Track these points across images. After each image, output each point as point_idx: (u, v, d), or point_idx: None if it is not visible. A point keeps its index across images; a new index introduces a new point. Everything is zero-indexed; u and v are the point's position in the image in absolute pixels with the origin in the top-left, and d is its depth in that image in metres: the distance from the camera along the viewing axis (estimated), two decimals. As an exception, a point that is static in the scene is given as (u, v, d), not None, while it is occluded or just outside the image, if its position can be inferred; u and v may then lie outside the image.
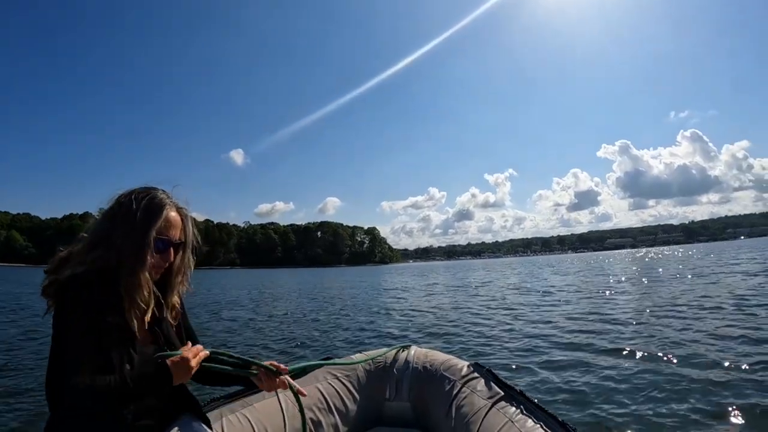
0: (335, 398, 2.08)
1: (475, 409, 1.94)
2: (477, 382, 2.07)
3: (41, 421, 3.78)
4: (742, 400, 3.64)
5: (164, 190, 1.42)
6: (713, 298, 9.92)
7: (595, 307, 9.97)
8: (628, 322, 7.75)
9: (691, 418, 3.42)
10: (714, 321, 7.27)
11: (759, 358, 4.78)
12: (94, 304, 1.24)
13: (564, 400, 4.01)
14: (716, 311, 8.19)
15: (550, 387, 4.41)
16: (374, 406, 2.17)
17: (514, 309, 10.70)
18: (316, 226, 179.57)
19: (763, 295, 9.66)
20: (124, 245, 1.31)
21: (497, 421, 1.83)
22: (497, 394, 1.97)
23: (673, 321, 7.53)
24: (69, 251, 1.37)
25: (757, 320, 6.96)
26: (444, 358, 2.24)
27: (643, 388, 4.17)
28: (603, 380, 4.46)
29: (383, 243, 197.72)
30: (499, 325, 8.37)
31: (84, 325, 1.21)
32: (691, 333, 6.42)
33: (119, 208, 1.36)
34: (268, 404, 1.92)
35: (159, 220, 1.35)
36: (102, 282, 1.28)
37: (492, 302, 12.70)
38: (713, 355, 5.07)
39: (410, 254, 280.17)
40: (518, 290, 16.48)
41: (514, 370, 5.09)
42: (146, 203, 1.36)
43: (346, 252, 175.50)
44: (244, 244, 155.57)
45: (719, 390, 3.92)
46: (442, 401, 2.06)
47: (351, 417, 2.08)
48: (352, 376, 2.16)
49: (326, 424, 2.01)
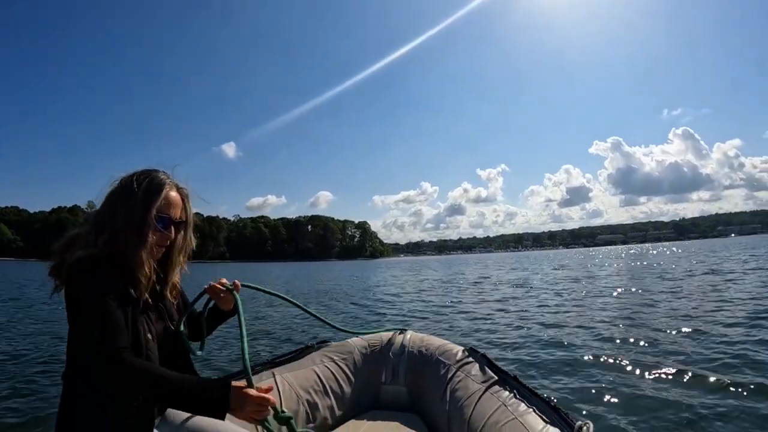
0: (331, 381, 2.11)
1: (469, 393, 1.96)
2: (471, 367, 2.10)
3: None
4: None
5: (164, 171, 1.45)
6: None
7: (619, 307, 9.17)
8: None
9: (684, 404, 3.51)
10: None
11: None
12: (107, 285, 1.27)
13: (558, 388, 4.08)
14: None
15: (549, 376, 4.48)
16: (370, 389, 2.20)
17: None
18: (306, 219, 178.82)
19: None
20: (126, 225, 1.34)
21: (490, 404, 1.86)
22: (491, 378, 2.01)
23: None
24: (77, 232, 1.40)
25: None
26: (439, 342, 2.27)
27: (636, 374, 4.30)
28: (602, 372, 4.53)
29: (374, 237, 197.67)
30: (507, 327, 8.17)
31: (106, 299, 1.24)
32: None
33: (121, 190, 1.39)
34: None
35: (159, 199, 1.38)
36: (111, 263, 1.31)
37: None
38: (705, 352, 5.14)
39: (401, 249, 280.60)
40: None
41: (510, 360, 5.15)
42: (147, 184, 1.39)
43: (336, 246, 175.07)
44: (233, 237, 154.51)
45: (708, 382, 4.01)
46: (437, 385, 2.09)
47: (347, 400, 2.11)
48: (348, 359, 2.19)
49: (322, 407, 2.03)
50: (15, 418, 3.69)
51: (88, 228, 1.38)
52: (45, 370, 5.04)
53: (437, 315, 9.48)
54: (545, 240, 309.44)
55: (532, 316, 8.51)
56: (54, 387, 4.29)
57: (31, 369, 5.10)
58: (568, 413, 1.74)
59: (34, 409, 3.84)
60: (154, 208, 1.36)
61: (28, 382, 4.59)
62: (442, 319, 8.83)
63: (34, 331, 7.75)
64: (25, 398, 4.14)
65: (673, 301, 9.46)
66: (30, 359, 5.60)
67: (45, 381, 4.60)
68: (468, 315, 9.15)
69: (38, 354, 5.86)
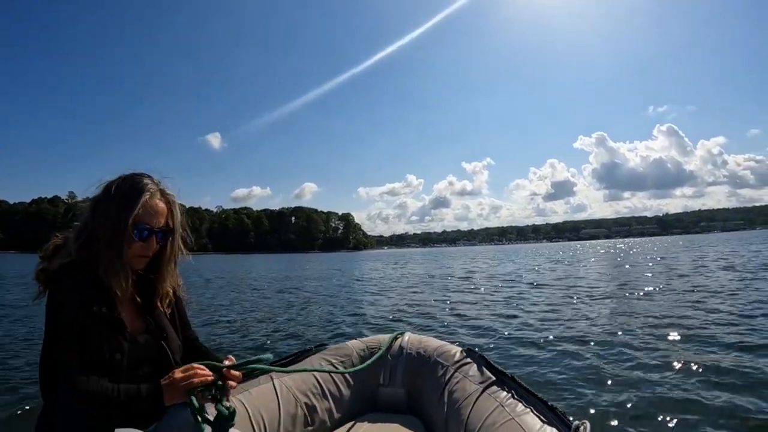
0: (330, 384, 2.09)
1: (466, 393, 1.97)
2: (469, 368, 2.10)
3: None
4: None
5: (150, 177, 1.38)
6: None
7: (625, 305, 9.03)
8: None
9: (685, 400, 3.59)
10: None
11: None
12: (80, 295, 1.23)
13: (555, 386, 4.13)
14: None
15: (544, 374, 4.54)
16: (369, 392, 2.19)
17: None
18: (290, 211, 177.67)
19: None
20: (100, 234, 1.29)
21: (488, 405, 1.86)
22: (489, 378, 2.01)
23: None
24: (65, 237, 1.36)
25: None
26: (437, 344, 2.27)
27: (632, 371, 4.38)
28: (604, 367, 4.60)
29: (358, 229, 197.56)
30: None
31: (70, 316, 1.21)
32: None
33: (101, 195, 1.34)
34: (263, 389, 1.93)
35: (136, 208, 1.30)
36: (88, 272, 1.26)
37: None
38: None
39: (385, 241, 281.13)
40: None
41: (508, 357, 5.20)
42: (125, 191, 1.32)
43: (320, 238, 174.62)
44: (216, 229, 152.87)
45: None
46: (435, 387, 2.09)
47: (345, 403, 2.09)
48: (347, 362, 2.17)
49: (321, 410, 2.01)
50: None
51: (73, 234, 1.34)
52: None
53: (424, 316, 9.17)
54: (529, 233, 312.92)
55: (526, 314, 8.41)
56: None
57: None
58: (565, 413, 1.75)
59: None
60: (130, 217, 1.29)
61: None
62: (431, 321, 8.47)
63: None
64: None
65: (674, 295, 9.54)
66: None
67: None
68: (458, 313, 9.08)
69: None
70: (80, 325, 1.22)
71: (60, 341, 1.20)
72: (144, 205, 1.31)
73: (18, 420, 3.54)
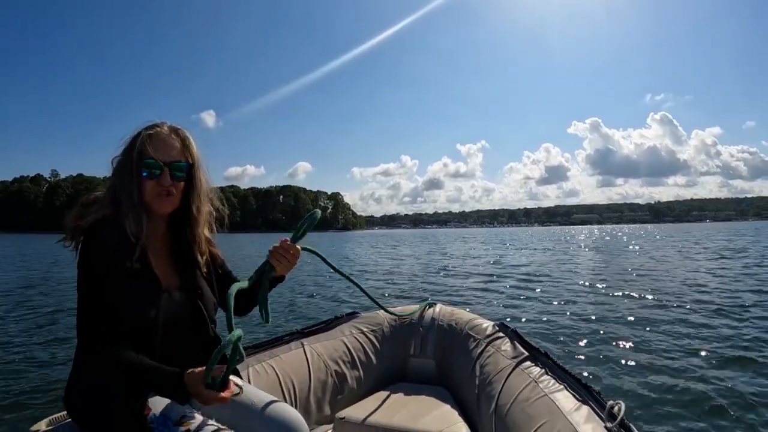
0: (360, 352, 2.06)
1: (499, 368, 1.94)
2: (502, 342, 2.06)
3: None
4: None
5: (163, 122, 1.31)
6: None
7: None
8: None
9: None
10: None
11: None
12: (110, 250, 1.18)
13: (588, 367, 4.09)
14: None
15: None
16: (399, 361, 2.16)
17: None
18: (277, 189, 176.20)
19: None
20: (118, 185, 1.25)
21: (521, 380, 1.83)
22: (522, 354, 1.97)
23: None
24: (95, 196, 1.29)
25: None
26: (469, 317, 2.23)
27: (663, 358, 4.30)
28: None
29: (347, 209, 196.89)
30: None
31: (100, 273, 1.16)
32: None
33: (118, 152, 1.29)
34: (293, 355, 1.90)
35: (137, 142, 1.24)
36: (117, 227, 1.21)
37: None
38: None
39: (376, 221, 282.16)
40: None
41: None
42: (132, 135, 1.27)
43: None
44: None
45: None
46: (466, 359, 2.06)
47: (375, 371, 2.07)
48: (377, 331, 2.14)
49: (350, 378, 1.98)
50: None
51: (104, 192, 1.28)
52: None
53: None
54: (521, 217, 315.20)
55: (549, 296, 8.23)
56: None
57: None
58: (600, 392, 1.72)
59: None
60: (133, 151, 1.23)
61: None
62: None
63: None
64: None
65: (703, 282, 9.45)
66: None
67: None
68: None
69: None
70: (111, 282, 1.16)
71: (90, 306, 1.16)
72: (150, 140, 1.24)
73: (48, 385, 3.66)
